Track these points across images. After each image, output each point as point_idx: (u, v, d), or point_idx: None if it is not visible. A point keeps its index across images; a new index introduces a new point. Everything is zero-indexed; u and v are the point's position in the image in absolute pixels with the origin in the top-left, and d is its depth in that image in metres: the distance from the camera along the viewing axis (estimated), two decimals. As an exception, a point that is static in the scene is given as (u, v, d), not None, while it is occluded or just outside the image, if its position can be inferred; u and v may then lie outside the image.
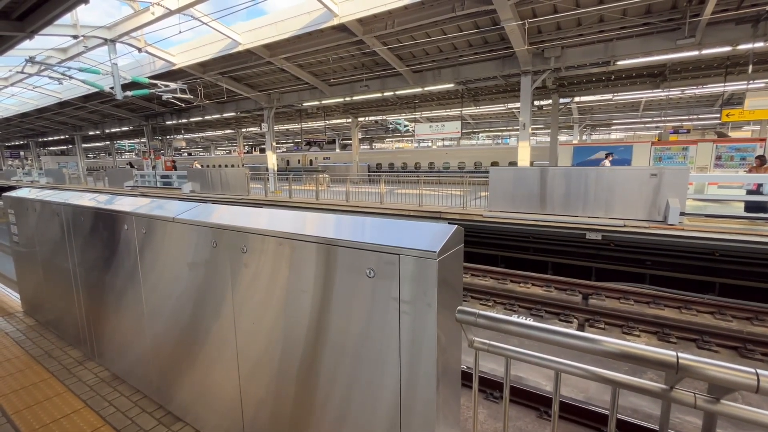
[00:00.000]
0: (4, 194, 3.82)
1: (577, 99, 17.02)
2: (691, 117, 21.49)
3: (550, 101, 14.91)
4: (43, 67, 12.35)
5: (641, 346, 1.00)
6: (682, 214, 7.50)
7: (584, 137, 30.42)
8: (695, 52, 8.94)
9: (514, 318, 1.20)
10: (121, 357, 2.66)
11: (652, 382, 1.05)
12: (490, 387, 3.98)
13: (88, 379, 2.67)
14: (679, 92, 16.00)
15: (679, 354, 0.94)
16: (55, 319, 3.42)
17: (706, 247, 7.19)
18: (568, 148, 14.44)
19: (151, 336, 2.32)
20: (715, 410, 0.94)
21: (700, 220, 7.91)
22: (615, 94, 15.58)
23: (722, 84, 12.22)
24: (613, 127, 30.68)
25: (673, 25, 8.57)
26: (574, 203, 8.48)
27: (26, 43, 8.57)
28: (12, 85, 17.14)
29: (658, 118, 22.89)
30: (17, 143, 39.43)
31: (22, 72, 13.96)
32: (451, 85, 12.74)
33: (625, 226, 7.69)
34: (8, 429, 2.18)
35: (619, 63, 9.95)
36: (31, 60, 12.06)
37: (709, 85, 13.69)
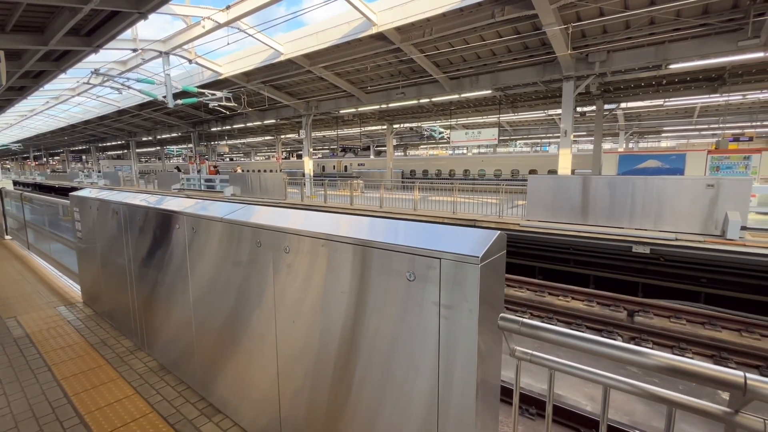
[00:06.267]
0: (70, 193, 4.18)
1: (623, 105, 16.24)
2: (753, 123, 19.84)
3: (593, 107, 14.32)
4: (105, 79, 13.47)
5: (703, 363, 0.93)
6: (744, 228, 6.91)
7: (630, 145, 28.87)
8: (760, 54, 8.27)
9: (561, 328, 1.15)
10: (168, 349, 2.81)
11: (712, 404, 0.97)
12: (526, 402, 3.83)
13: (138, 368, 2.84)
14: (741, 97, 14.85)
15: (747, 374, 0.87)
16: (110, 310, 3.68)
17: (772, 265, 6.58)
18: (612, 156, 13.74)
19: (196, 330, 2.44)
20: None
21: (764, 236, 7.26)
22: (666, 100, 14.72)
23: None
24: (663, 135, 28.88)
25: (734, 25, 7.99)
26: (620, 214, 8.06)
27: (91, 57, 9.40)
28: (78, 95, 18.84)
29: (716, 125, 21.32)
30: (80, 148, 43.13)
31: (87, 83, 15.29)
32: (489, 92, 12.56)
33: (677, 239, 7.20)
34: (68, 409, 2.37)
35: (672, 66, 9.39)
36: (95, 72, 13.20)
37: (775, 89, 12.67)
